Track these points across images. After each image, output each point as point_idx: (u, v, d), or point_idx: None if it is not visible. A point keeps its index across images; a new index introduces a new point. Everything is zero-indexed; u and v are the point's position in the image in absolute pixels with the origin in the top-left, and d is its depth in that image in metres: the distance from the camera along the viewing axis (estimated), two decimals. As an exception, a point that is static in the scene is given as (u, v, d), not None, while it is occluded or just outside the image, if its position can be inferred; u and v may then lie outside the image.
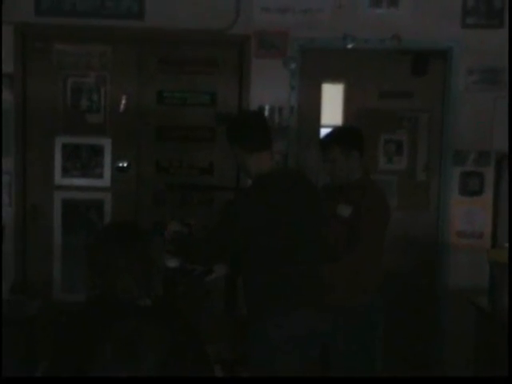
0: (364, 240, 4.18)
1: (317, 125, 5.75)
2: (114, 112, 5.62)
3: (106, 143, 5.62)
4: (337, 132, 4.56)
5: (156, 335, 2.37)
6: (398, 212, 5.58)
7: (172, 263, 3.94)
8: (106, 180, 5.65)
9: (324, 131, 5.37)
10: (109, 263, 2.81)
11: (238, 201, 3.81)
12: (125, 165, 5.64)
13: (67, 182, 5.63)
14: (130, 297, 2.78)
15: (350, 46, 5.53)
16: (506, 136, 5.54)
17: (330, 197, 4.33)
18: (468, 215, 5.69)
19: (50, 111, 5.59)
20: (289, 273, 3.67)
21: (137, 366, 2.27)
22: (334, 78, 5.76)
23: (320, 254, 3.86)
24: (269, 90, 5.52)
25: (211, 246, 3.73)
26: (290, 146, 5.56)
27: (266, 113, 5.47)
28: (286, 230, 3.66)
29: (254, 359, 3.73)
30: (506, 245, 5.02)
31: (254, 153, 3.74)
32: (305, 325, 3.68)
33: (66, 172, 5.62)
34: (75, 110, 5.61)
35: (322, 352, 3.92)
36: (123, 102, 5.60)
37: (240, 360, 4.33)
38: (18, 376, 2.59)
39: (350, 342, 4.25)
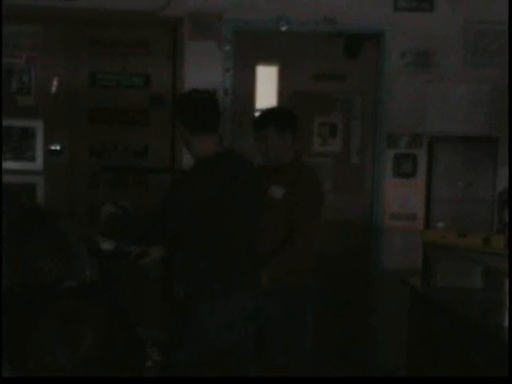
0: (301, 229, 4.22)
1: (251, 107, 5.74)
2: (46, 94, 5.53)
3: (38, 126, 5.52)
4: (270, 112, 4.58)
5: (87, 319, 2.33)
6: (332, 194, 5.62)
7: (107, 246, 3.88)
8: (38, 163, 5.55)
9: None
10: (19, 250, 2.77)
11: (180, 181, 3.78)
12: (57, 148, 5.56)
13: (-2, 164, 5.52)
14: (51, 280, 2.74)
15: (283, 29, 5.52)
16: (438, 119, 5.63)
17: (263, 178, 4.33)
18: (401, 197, 5.75)
19: (-21, 93, 5.47)
20: (226, 255, 3.67)
21: (76, 348, 2.24)
22: (268, 61, 5.76)
23: (255, 236, 3.87)
24: (203, 73, 5.48)
25: (151, 225, 3.70)
26: (224, 128, 5.53)
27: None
28: (226, 213, 3.65)
29: (189, 341, 3.72)
30: (439, 225, 5.09)
31: (198, 134, 3.71)
32: (240, 308, 3.69)
33: (-4, 155, 5.52)
34: (5, 92, 5.50)
35: (256, 333, 3.94)
36: (55, 83, 5.51)
37: (177, 343, 4.31)
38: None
39: (283, 323, 4.28)
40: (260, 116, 4.54)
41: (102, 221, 3.86)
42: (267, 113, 4.54)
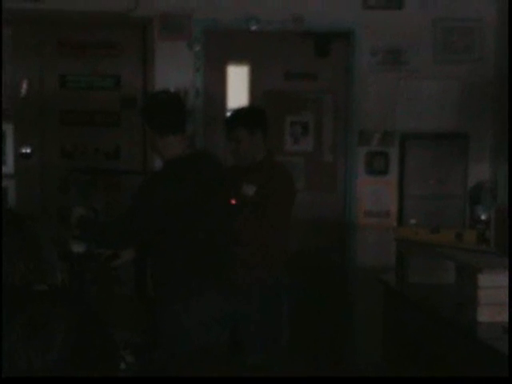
0: (271, 221, 4.23)
1: (223, 107, 5.73)
2: (16, 97, 5.48)
3: (8, 129, 5.48)
4: (241, 111, 4.63)
5: (59, 320, 2.31)
6: (305, 193, 5.62)
7: (78, 248, 3.87)
8: (9, 167, 5.51)
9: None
10: None
11: (149, 183, 3.79)
12: (28, 151, 5.52)
13: (-33, 169, 5.48)
14: (22, 283, 2.71)
15: (253, 28, 5.52)
16: (409, 116, 5.66)
17: (236, 177, 4.36)
18: (374, 194, 5.77)
19: None
20: (198, 256, 3.68)
21: (46, 351, 2.21)
22: (238, 60, 5.76)
23: (228, 236, 3.87)
24: (174, 73, 5.48)
25: (122, 228, 3.70)
26: (196, 128, 5.53)
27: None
28: (196, 214, 3.65)
29: (164, 342, 3.71)
30: (412, 221, 5.12)
31: (164, 136, 3.70)
32: (214, 309, 3.69)
33: (-34, 159, 5.47)
34: (-26, 96, 5.46)
35: (233, 332, 3.95)
36: (24, 86, 5.47)
37: (152, 344, 4.31)
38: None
39: (259, 319, 4.30)
40: (230, 116, 4.59)
41: (73, 223, 3.85)
42: (238, 112, 4.58)
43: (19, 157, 5.51)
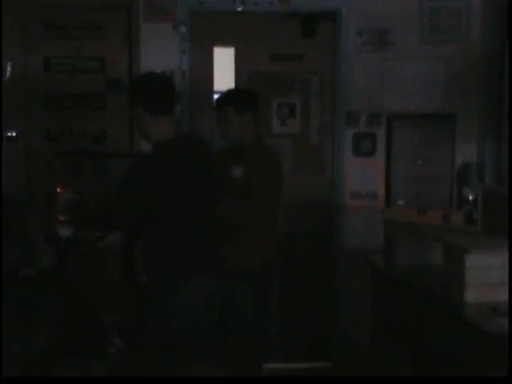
0: (258, 203, 4.23)
1: (209, 89, 5.71)
2: (-1, 80, 5.46)
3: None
4: (232, 92, 4.66)
5: (45, 306, 2.31)
6: (293, 175, 5.62)
7: (65, 233, 3.85)
8: (-7, 151, 5.48)
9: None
10: None
11: (139, 165, 3.77)
12: (13, 135, 5.48)
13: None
14: (9, 269, 2.71)
15: (239, 9, 5.49)
16: (396, 97, 5.65)
17: (225, 159, 4.38)
18: (362, 176, 5.77)
19: None
20: (187, 238, 3.68)
21: (30, 338, 2.22)
22: (224, 42, 5.73)
23: (218, 220, 3.88)
24: (159, 55, 5.45)
25: (111, 211, 3.70)
26: (182, 111, 5.50)
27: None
28: (186, 197, 3.65)
29: (153, 324, 3.72)
30: (399, 202, 5.12)
31: (157, 116, 3.69)
32: (203, 291, 3.70)
33: (-51, 145, 5.43)
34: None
35: (220, 317, 3.96)
36: (8, 69, 5.43)
37: (141, 328, 4.31)
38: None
39: (247, 304, 4.31)
40: (221, 96, 4.60)
41: (60, 207, 3.83)
42: (228, 93, 4.60)
43: (4, 141, 5.47)
